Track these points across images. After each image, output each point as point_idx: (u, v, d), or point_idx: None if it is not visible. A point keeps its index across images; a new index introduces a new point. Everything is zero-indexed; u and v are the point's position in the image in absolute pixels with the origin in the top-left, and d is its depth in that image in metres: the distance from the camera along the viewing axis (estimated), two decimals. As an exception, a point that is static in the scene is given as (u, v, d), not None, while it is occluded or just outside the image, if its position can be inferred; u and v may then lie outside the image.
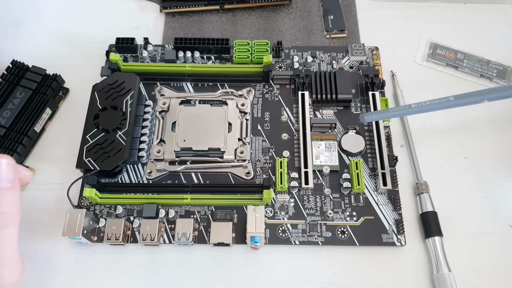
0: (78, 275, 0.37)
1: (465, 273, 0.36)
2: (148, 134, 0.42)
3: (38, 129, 0.43)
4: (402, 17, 0.51)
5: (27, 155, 0.42)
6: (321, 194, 0.40)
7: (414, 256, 0.38)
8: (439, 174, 0.41)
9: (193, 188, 0.40)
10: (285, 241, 0.38)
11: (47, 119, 0.44)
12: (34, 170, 0.41)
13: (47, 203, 0.40)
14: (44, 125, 0.43)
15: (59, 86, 0.45)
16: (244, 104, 0.43)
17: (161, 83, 0.45)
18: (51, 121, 0.44)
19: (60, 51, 0.48)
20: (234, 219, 0.39)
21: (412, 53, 0.48)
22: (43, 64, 0.44)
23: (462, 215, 0.39)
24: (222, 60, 0.47)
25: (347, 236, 0.38)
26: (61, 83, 0.45)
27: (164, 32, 0.50)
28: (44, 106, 0.43)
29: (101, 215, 0.39)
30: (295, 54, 0.47)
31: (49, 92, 0.43)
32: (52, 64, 0.45)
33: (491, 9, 0.51)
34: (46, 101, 0.43)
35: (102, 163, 0.39)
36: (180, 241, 0.37)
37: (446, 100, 0.34)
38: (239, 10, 0.51)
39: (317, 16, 0.51)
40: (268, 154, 0.42)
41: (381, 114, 0.38)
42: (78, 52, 0.48)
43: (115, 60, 0.43)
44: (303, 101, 0.43)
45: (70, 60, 0.48)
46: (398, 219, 0.39)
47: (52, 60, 0.46)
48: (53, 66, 0.45)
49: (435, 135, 0.43)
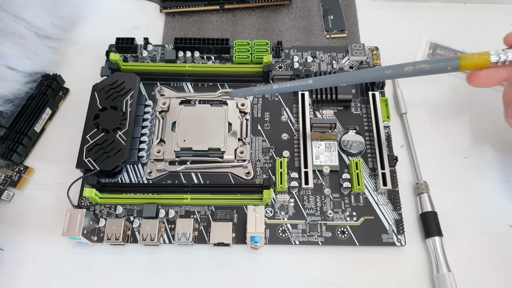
0: (78, 275, 0.37)
1: (465, 273, 0.36)
2: (148, 134, 0.42)
3: (38, 129, 0.43)
4: (402, 17, 0.51)
5: (27, 155, 0.42)
6: (321, 194, 0.40)
7: (414, 256, 0.38)
8: (439, 174, 0.41)
9: (193, 188, 0.40)
10: (285, 241, 0.38)
11: (47, 119, 0.44)
12: (34, 170, 0.41)
13: (47, 203, 0.40)
14: (44, 125, 0.43)
15: (59, 86, 0.45)
16: (244, 104, 0.43)
17: (161, 83, 0.45)
18: (51, 121, 0.44)
19: (60, 51, 0.48)
20: (234, 219, 0.39)
21: (412, 53, 0.48)
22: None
23: (462, 215, 0.39)
24: (222, 60, 0.47)
25: (347, 236, 0.38)
26: (61, 83, 0.45)
27: (164, 32, 0.50)
28: (44, 106, 0.43)
29: (101, 215, 0.39)
30: (295, 54, 0.47)
31: (49, 92, 0.43)
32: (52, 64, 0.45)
33: (491, 9, 0.51)
34: (46, 101, 0.43)
35: (102, 163, 0.39)
36: (180, 241, 0.37)
37: (305, 83, 0.36)
38: (239, 10, 0.51)
39: (317, 16, 0.51)
40: (268, 154, 0.42)
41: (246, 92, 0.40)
42: (78, 52, 0.48)
43: (115, 60, 0.43)
44: (303, 101, 0.43)
45: (70, 60, 0.48)
46: (398, 219, 0.39)
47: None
48: (53, 66, 0.45)
49: (435, 135, 0.43)
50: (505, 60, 0.33)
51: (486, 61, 0.33)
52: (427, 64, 0.33)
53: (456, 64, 0.33)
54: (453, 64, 0.33)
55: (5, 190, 0.40)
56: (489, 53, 0.33)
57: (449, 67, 0.33)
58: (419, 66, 0.33)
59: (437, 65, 0.33)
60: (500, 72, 0.33)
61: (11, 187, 0.40)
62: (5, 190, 0.40)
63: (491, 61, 0.33)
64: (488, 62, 0.33)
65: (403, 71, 0.34)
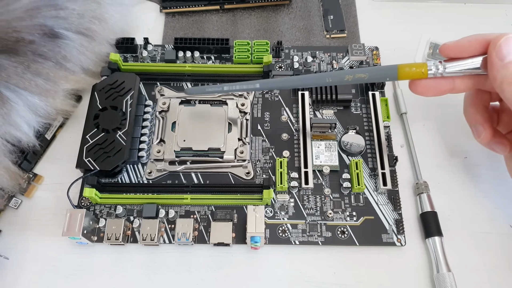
0: (78, 275, 0.37)
1: (465, 273, 0.37)
2: (148, 134, 0.42)
3: (49, 136, 0.42)
4: (402, 17, 0.51)
5: (36, 162, 0.42)
6: (321, 194, 0.40)
7: (414, 256, 0.38)
8: (439, 174, 0.41)
9: (193, 188, 0.40)
10: (285, 241, 0.38)
11: (58, 127, 0.43)
12: (43, 178, 0.41)
13: (47, 203, 0.40)
14: (55, 132, 0.43)
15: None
16: (244, 104, 0.43)
17: (161, 83, 0.45)
18: (62, 129, 0.44)
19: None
20: (234, 219, 0.39)
21: (412, 53, 0.48)
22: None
23: (462, 215, 0.40)
24: (222, 60, 0.47)
25: (347, 236, 0.38)
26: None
27: (164, 32, 0.50)
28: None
29: (101, 215, 0.39)
30: (295, 54, 0.47)
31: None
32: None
33: (491, 9, 0.51)
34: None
35: (102, 163, 0.39)
36: (180, 241, 0.37)
37: (252, 86, 0.37)
38: (239, 10, 0.51)
39: (317, 16, 0.51)
40: (268, 154, 0.42)
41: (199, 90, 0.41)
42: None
43: (115, 60, 0.43)
44: (303, 101, 0.43)
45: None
46: (398, 219, 0.39)
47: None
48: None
49: (435, 135, 0.43)
50: (442, 72, 0.33)
51: (423, 74, 0.33)
52: (366, 73, 0.34)
53: (394, 74, 0.33)
54: (391, 74, 0.33)
55: (13, 197, 0.40)
56: (426, 64, 0.33)
57: (387, 77, 0.34)
58: (359, 76, 0.34)
59: (376, 74, 0.34)
60: (439, 83, 0.33)
61: (19, 194, 0.40)
62: (13, 197, 0.40)
63: (428, 73, 0.33)
64: (425, 74, 0.33)
65: (343, 80, 0.34)
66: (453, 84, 0.33)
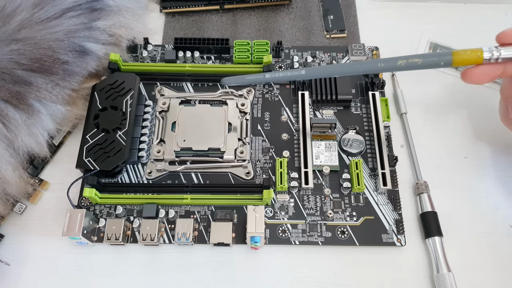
0: (78, 275, 0.37)
1: (465, 273, 0.36)
2: (148, 134, 0.42)
3: (57, 142, 0.42)
4: (402, 17, 0.51)
5: (43, 168, 0.41)
6: (321, 194, 0.40)
7: (414, 256, 0.38)
8: (439, 174, 0.41)
9: (193, 188, 0.40)
10: (285, 241, 0.38)
11: (66, 133, 0.43)
12: (49, 184, 0.41)
13: (47, 203, 0.40)
14: (63, 138, 0.43)
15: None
16: (244, 104, 0.43)
17: (161, 83, 0.45)
18: (70, 135, 0.43)
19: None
20: (234, 219, 0.39)
21: (412, 53, 0.48)
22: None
23: (462, 215, 0.40)
24: (222, 60, 0.47)
25: (347, 236, 0.38)
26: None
27: (164, 32, 0.50)
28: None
29: (101, 215, 0.39)
30: (295, 54, 0.47)
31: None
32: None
33: (491, 9, 0.51)
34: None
35: (102, 163, 0.39)
36: (180, 241, 0.37)
37: (298, 73, 0.36)
38: (239, 10, 0.51)
39: (317, 16, 0.51)
40: (268, 154, 0.42)
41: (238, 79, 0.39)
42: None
43: (115, 60, 0.43)
44: (303, 101, 0.43)
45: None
46: (398, 219, 0.39)
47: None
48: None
49: (435, 135, 0.43)
50: (497, 57, 0.33)
51: (479, 58, 0.33)
52: (420, 58, 0.33)
53: (449, 59, 0.33)
54: (446, 59, 0.33)
55: (18, 203, 0.39)
56: (482, 49, 0.33)
57: (442, 62, 0.33)
58: (412, 60, 0.33)
59: (430, 60, 0.33)
60: (493, 69, 0.33)
61: (24, 200, 0.40)
62: (18, 202, 0.39)
63: (484, 58, 0.33)
64: (481, 58, 0.33)
65: (396, 65, 0.34)
66: (505, 68, 0.33)
